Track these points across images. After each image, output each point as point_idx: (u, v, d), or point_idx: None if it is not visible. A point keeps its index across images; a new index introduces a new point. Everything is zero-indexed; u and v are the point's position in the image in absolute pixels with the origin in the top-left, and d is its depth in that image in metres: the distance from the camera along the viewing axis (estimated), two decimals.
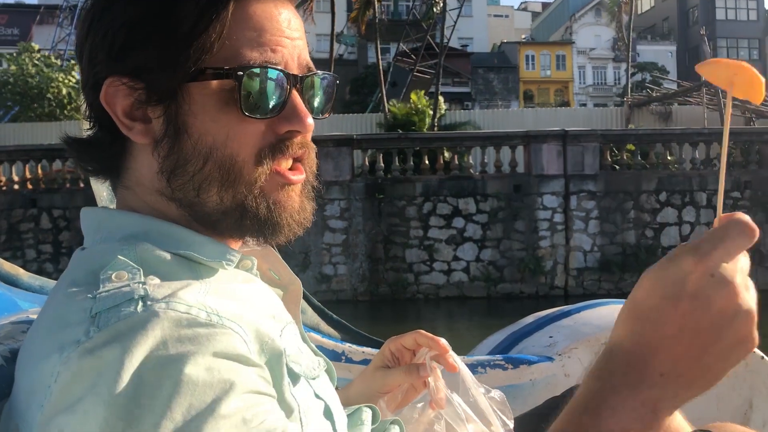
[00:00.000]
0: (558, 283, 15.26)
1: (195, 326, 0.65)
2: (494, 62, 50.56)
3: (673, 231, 15.44)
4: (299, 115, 0.79)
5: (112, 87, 0.77)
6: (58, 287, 0.76)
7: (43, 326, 0.71)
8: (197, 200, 0.79)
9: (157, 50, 0.75)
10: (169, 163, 0.78)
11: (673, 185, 15.41)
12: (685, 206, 15.45)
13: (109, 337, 0.63)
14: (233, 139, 0.77)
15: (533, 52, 51.55)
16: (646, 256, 15.15)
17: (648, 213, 15.38)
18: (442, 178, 15.34)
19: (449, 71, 47.31)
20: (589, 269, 15.35)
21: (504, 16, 61.19)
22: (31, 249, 15.33)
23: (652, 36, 54.94)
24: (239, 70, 0.75)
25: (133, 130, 0.78)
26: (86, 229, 0.83)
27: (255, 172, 0.78)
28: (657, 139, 15.90)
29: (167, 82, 0.76)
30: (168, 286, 0.69)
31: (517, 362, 1.96)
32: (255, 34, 0.77)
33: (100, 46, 0.78)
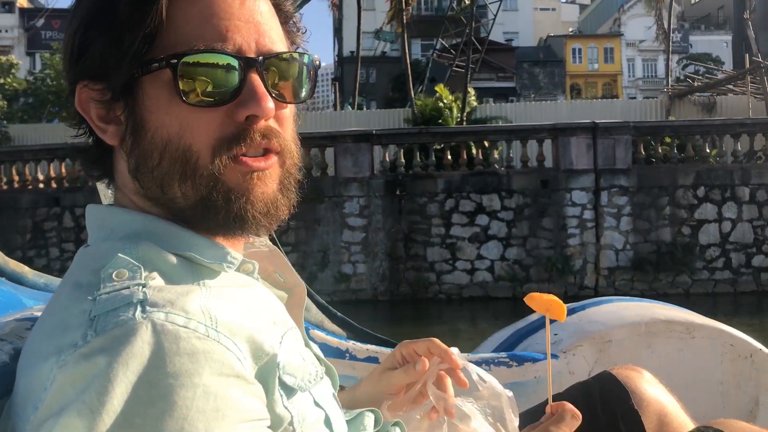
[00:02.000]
0: (588, 283, 14.53)
1: (192, 340, 0.63)
2: (540, 56, 49.80)
3: (712, 228, 14.54)
4: (255, 98, 0.75)
5: (83, 92, 0.77)
6: (62, 287, 0.76)
7: (45, 327, 0.70)
8: (165, 197, 0.77)
9: (105, 47, 0.74)
10: (133, 161, 0.77)
11: (712, 179, 14.50)
12: (725, 202, 14.51)
13: (105, 343, 0.62)
14: (186, 130, 0.74)
15: (580, 45, 50.55)
16: (683, 254, 14.34)
17: (685, 209, 14.51)
18: (465, 173, 14.77)
19: (493, 66, 46.78)
20: (621, 268, 14.57)
21: (551, 9, 59.85)
22: (54, 247, 15.42)
23: (706, 26, 52.99)
24: (173, 58, 0.72)
25: (106, 132, 0.78)
26: (90, 226, 0.83)
27: (212, 163, 0.75)
28: (695, 130, 14.98)
29: (119, 79, 0.74)
30: (168, 290, 0.68)
31: (521, 360, 1.95)
32: (201, 19, 0.74)
33: (66, 53, 0.78)
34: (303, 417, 0.75)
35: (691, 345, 1.98)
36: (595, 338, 1.99)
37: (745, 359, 1.99)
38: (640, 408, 1.32)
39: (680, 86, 22.07)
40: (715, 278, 14.56)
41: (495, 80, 46.06)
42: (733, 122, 15.15)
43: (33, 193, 15.54)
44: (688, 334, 1.99)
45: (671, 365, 1.95)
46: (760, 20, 43.27)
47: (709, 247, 14.51)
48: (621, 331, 1.99)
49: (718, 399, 1.96)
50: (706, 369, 1.98)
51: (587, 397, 1.36)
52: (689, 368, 1.97)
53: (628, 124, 14.72)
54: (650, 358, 1.94)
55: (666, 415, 1.32)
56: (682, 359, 1.98)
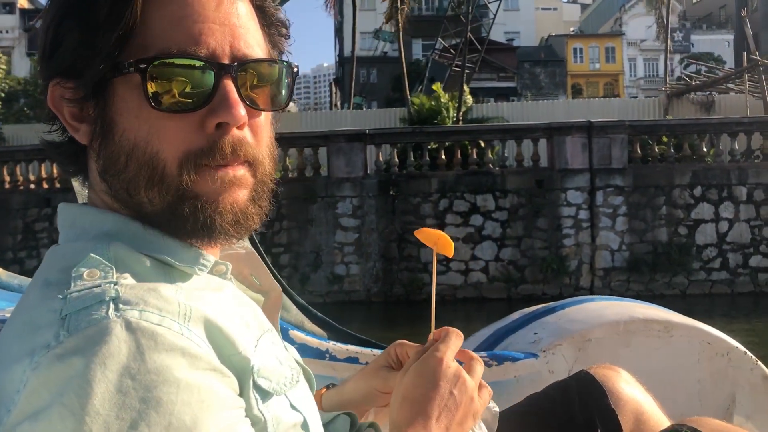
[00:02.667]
0: (583, 284, 14.38)
1: (168, 336, 0.63)
2: (541, 56, 49.68)
3: (709, 228, 14.38)
4: (226, 105, 0.72)
5: (56, 89, 0.75)
6: (32, 286, 0.74)
7: (15, 327, 0.68)
8: (132, 201, 0.75)
9: (78, 45, 0.72)
10: (101, 163, 0.75)
11: (709, 179, 14.33)
12: (722, 201, 14.35)
13: (80, 342, 0.61)
14: (155, 135, 0.72)
15: (581, 44, 50.40)
16: (680, 255, 14.18)
17: (681, 209, 14.35)
18: (459, 173, 14.63)
19: (494, 66, 46.74)
20: (617, 269, 14.41)
21: (552, 9, 59.66)
22: (45, 248, 15.18)
23: (708, 25, 52.76)
24: (141, 62, 0.70)
25: (78, 131, 0.76)
26: (61, 225, 0.80)
27: (179, 175, 0.73)
28: (691, 129, 14.82)
29: (90, 78, 0.72)
30: (140, 288, 0.67)
31: (501, 359, 1.96)
32: (173, 22, 0.71)
33: (40, 48, 0.76)
34: (278, 421, 0.74)
35: (669, 343, 1.99)
36: (574, 337, 1.99)
37: (722, 357, 2.00)
38: (617, 407, 1.32)
39: (678, 85, 21.87)
40: (712, 279, 14.40)
41: (496, 80, 46.06)
42: (730, 121, 14.97)
43: (24, 193, 15.44)
44: (667, 332, 2.00)
45: (650, 363, 1.95)
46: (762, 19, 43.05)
47: (705, 248, 14.35)
48: (600, 330, 1.99)
49: (695, 397, 1.97)
50: (684, 367, 1.99)
51: (565, 396, 1.38)
52: (667, 366, 1.98)
53: (624, 123, 14.56)
54: (629, 357, 1.93)
55: (642, 414, 1.33)
56: (660, 357, 1.99)
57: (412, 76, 41.56)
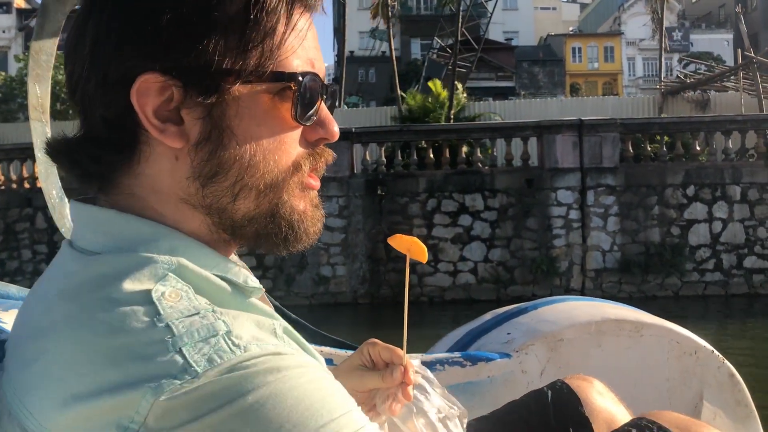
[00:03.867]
0: (574, 286, 14.09)
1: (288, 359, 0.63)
2: (539, 56, 49.53)
3: (702, 228, 14.08)
4: (329, 124, 0.79)
5: (144, 85, 0.69)
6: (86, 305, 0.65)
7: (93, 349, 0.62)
8: (231, 206, 0.74)
9: (204, 49, 0.69)
10: (209, 168, 0.72)
11: (702, 178, 14.04)
12: (716, 201, 14.05)
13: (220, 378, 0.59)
14: (277, 144, 0.74)
15: (580, 44, 50.23)
16: (672, 256, 13.89)
17: (674, 209, 14.05)
18: (448, 172, 14.34)
19: (492, 65, 46.62)
20: (609, 270, 14.12)
21: (551, 9, 59.46)
22: (26, 249, 15.06)
23: (707, 24, 52.48)
24: (299, 75, 0.73)
25: (165, 132, 0.71)
26: (90, 228, 0.74)
27: (293, 179, 0.76)
28: (684, 127, 14.52)
29: (214, 84, 0.70)
30: (238, 317, 0.66)
31: (475, 359, 1.97)
32: (300, 44, 0.75)
33: (131, 39, 0.69)
34: None
35: (639, 343, 2.03)
36: (547, 337, 2.02)
37: (690, 356, 2.04)
38: (590, 415, 1.37)
39: (673, 83, 21.55)
40: (705, 280, 14.11)
41: (494, 80, 45.97)
42: (724, 119, 14.67)
43: (5, 193, 15.18)
44: (637, 332, 2.03)
45: (620, 363, 2.00)
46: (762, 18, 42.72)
47: (699, 248, 14.06)
48: (572, 330, 2.02)
49: (664, 395, 2.01)
50: (654, 366, 2.04)
51: (540, 404, 1.42)
52: (637, 365, 2.02)
53: (615, 121, 14.26)
54: (600, 356, 1.99)
55: (615, 423, 1.36)
56: (630, 357, 2.03)
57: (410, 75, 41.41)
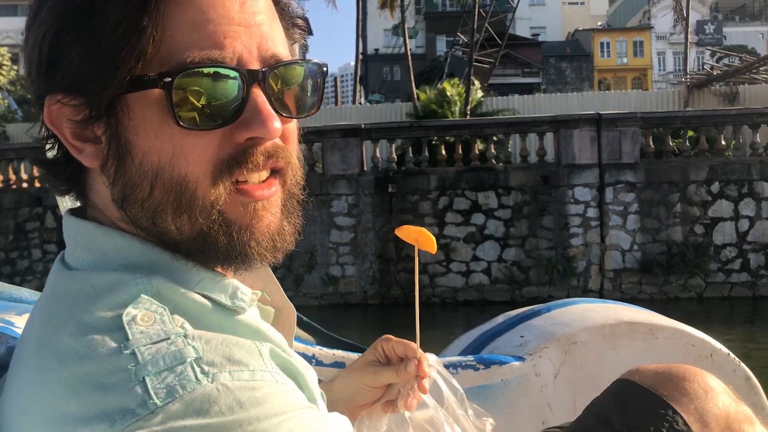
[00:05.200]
0: (592, 287, 13.55)
1: (265, 389, 0.59)
2: (567, 51, 48.85)
3: (728, 227, 13.43)
4: (260, 118, 0.67)
5: (54, 105, 0.67)
6: (58, 321, 0.63)
7: (57, 376, 0.59)
8: (156, 229, 0.68)
9: (85, 58, 0.64)
10: (118, 189, 0.68)
11: (728, 174, 13.38)
12: (742, 198, 13.39)
13: (179, 411, 0.56)
14: (180, 155, 0.66)
15: (608, 39, 49.40)
16: (696, 255, 13.28)
17: (697, 206, 13.42)
18: (460, 169, 13.89)
19: (518, 62, 46.08)
20: (628, 270, 13.55)
21: (579, 3, 58.54)
22: (37, 249, 14.97)
23: (741, 17, 51.09)
24: (166, 76, 0.63)
25: (83, 152, 0.69)
26: (73, 243, 0.72)
27: (211, 192, 0.66)
28: (708, 121, 13.85)
29: (101, 96, 0.65)
30: (215, 341, 0.61)
31: (488, 362, 1.96)
32: (195, 27, 0.64)
33: (33, 59, 0.68)
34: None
35: (654, 346, 2.00)
36: (560, 340, 1.99)
37: (706, 359, 2.01)
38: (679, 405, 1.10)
39: (699, 75, 20.73)
40: (731, 281, 13.46)
41: (521, 76, 45.56)
42: (752, 112, 13.95)
43: (15, 193, 15.12)
44: (651, 335, 2.01)
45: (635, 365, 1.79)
46: None
47: (724, 248, 13.41)
48: (586, 332, 1.99)
49: None
50: None
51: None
52: None
53: (635, 115, 13.66)
54: (615, 359, 1.96)
55: None
56: (645, 360, 1.88)
57: (434, 72, 41.04)
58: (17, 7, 55.23)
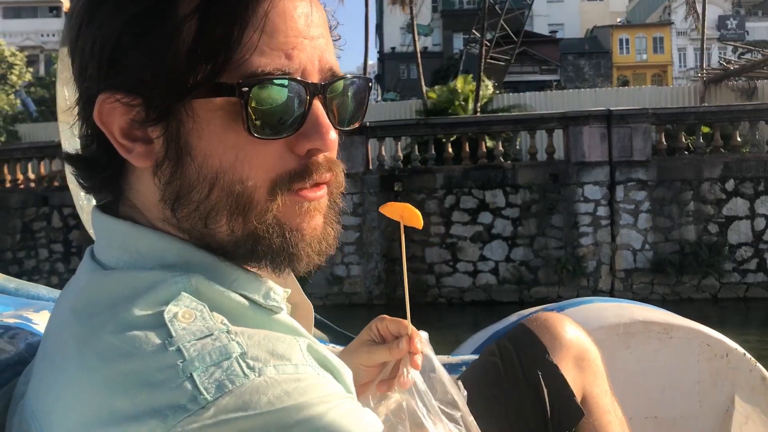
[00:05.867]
0: (602, 287, 13.23)
1: (310, 381, 0.61)
2: (585, 48, 48.34)
3: (743, 226, 13.05)
4: (320, 131, 0.69)
5: (106, 104, 0.67)
6: (99, 325, 0.63)
7: (101, 376, 0.60)
8: (206, 231, 0.70)
9: (153, 61, 0.65)
10: (172, 190, 0.69)
11: (743, 171, 12.99)
12: (758, 196, 13.00)
13: (230, 405, 0.57)
14: (243, 161, 0.67)
15: (627, 35, 48.74)
16: (710, 255, 12.91)
17: (711, 205, 13.05)
18: (467, 167, 13.64)
19: (536, 59, 45.71)
20: (640, 270, 13.21)
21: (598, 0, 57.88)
22: (44, 248, 14.97)
23: (764, 12, 50.14)
24: (244, 85, 0.64)
25: (132, 152, 0.69)
26: (106, 240, 0.73)
27: (269, 201, 0.68)
28: (723, 117, 13.46)
29: (166, 99, 0.66)
30: (256, 337, 0.63)
31: None
32: (266, 37, 0.66)
33: (89, 57, 0.68)
34: None
35: (668, 345, 2.01)
36: None
37: (721, 358, 2.01)
38: (558, 358, 1.32)
39: (715, 70, 20.21)
40: (747, 281, 13.08)
41: (538, 73, 45.26)
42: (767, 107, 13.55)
43: (23, 192, 15.13)
44: (666, 334, 2.02)
45: (649, 365, 1.99)
46: None
47: (739, 247, 13.03)
48: (600, 332, 1.95)
49: (694, 398, 2.00)
50: (684, 368, 2.01)
51: (504, 356, 1.37)
52: (667, 368, 2.01)
53: (647, 111, 13.31)
54: (629, 359, 1.98)
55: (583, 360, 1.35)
56: (659, 359, 2.01)
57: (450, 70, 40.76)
58: (36, 9, 55.84)
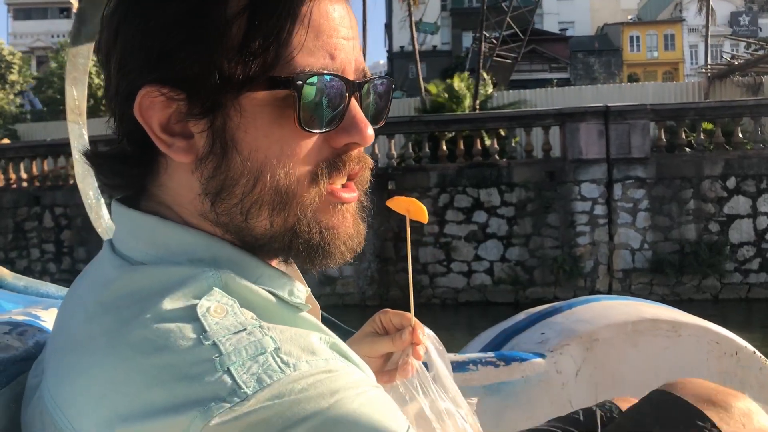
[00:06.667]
0: (600, 287, 12.91)
1: (341, 374, 0.62)
2: (595, 45, 47.91)
3: (745, 224, 12.69)
4: (358, 126, 0.72)
5: (147, 98, 0.68)
6: (129, 319, 0.64)
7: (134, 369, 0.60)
8: (245, 225, 0.71)
9: (201, 57, 0.67)
10: (215, 184, 0.70)
11: (745, 169, 12.63)
12: (761, 194, 12.64)
13: (268, 399, 0.58)
14: (288, 155, 0.70)
15: (638, 32, 48.25)
16: (710, 255, 12.56)
17: (712, 203, 12.70)
18: (461, 165, 13.36)
19: (546, 57, 45.35)
20: (638, 270, 12.88)
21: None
22: (35, 248, 14.87)
23: None
24: (298, 79, 0.67)
25: (172, 147, 0.70)
26: (132, 234, 0.74)
27: (310, 192, 0.71)
28: (723, 113, 13.08)
29: (215, 93, 0.67)
30: (287, 333, 0.65)
31: (509, 359, 1.96)
32: (312, 36, 0.68)
33: (132, 52, 0.69)
34: None
35: (677, 343, 1.99)
36: (582, 337, 2.01)
37: (731, 357, 2.00)
38: None
39: (720, 66, 19.76)
40: (749, 282, 12.72)
41: (548, 71, 44.93)
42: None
43: (14, 192, 15.04)
44: (675, 332, 2.00)
45: (658, 363, 1.97)
46: None
47: (741, 246, 12.67)
48: (608, 330, 1.99)
49: None
50: (692, 367, 1.98)
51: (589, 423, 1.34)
52: (675, 366, 1.97)
53: (645, 107, 12.97)
54: (637, 357, 1.96)
55: None
56: (668, 357, 1.99)
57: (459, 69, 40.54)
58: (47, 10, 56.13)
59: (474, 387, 1.94)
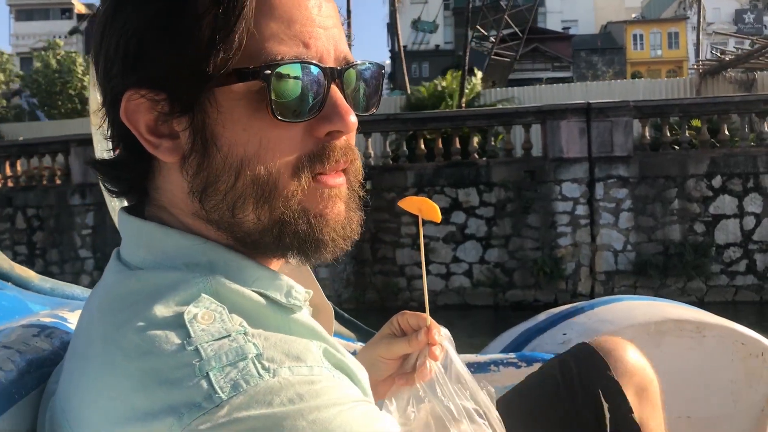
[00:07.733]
0: (582, 290, 12.50)
1: (324, 383, 0.61)
2: (598, 44, 47.55)
3: (731, 225, 12.25)
4: (340, 113, 0.71)
5: (132, 102, 0.70)
6: (122, 323, 0.65)
7: (122, 373, 0.61)
8: (234, 221, 0.72)
9: (174, 55, 0.67)
10: (199, 181, 0.71)
11: (731, 167, 12.19)
12: (747, 193, 12.19)
13: (244, 403, 0.58)
14: (267, 148, 0.69)
15: (641, 31, 47.85)
16: (696, 256, 12.14)
17: (697, 202, 12.27)
18: (439, 165, 13.00)
19: (548, 56, 45.04)
20: (621, 273, 12.47)
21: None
22: (7, 250, 14.58)
23: None
24: (267, 69, 0.67)
25: (159, 148, 0.71)
26: (134, 241, 0.75)
27: (292, 184, 0.71)
28: (709, 110, 12.66)
29: (189, 90, 0.68)
30: (273, 338, 0.64)
31: (530, 360, 1.94)
32: (283, 26, 0.68)
33: (113, 57, 0.70)
34: None
35: (701, 344, 1.96)
36: None
37: (756, 358, 1.97)
38: (621, 378, 1.29)
39: (710, 62, 19.30)
40: (735, 284, 12.28)
41: (550, 70, 44.65)
42: (758, 98, 12.74)
43: None
44: (699, 333, 1.97)
45: (682, 364, 1.96)
46: None
47: (727, 248, 12.23)
48: (631, 330, 1.94)
49: (729, 397, 1.98)
50: (717, 368, 1.97)
51: (564, 372, 1.36)
52: (700, 367, 1.97)
53: (628, 104, 12.55)
54: (661, 357, 1.81)
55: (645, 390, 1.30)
56: (692, 358, 1.96)
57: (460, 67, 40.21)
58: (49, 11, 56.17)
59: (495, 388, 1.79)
